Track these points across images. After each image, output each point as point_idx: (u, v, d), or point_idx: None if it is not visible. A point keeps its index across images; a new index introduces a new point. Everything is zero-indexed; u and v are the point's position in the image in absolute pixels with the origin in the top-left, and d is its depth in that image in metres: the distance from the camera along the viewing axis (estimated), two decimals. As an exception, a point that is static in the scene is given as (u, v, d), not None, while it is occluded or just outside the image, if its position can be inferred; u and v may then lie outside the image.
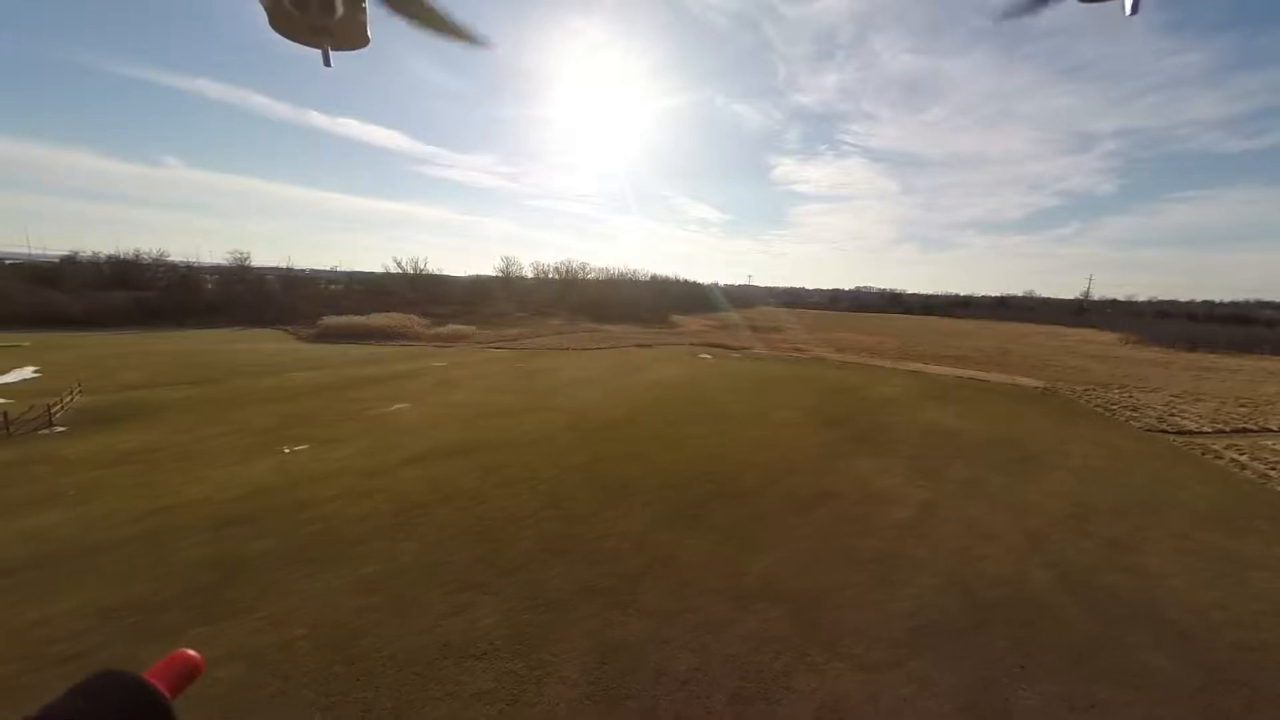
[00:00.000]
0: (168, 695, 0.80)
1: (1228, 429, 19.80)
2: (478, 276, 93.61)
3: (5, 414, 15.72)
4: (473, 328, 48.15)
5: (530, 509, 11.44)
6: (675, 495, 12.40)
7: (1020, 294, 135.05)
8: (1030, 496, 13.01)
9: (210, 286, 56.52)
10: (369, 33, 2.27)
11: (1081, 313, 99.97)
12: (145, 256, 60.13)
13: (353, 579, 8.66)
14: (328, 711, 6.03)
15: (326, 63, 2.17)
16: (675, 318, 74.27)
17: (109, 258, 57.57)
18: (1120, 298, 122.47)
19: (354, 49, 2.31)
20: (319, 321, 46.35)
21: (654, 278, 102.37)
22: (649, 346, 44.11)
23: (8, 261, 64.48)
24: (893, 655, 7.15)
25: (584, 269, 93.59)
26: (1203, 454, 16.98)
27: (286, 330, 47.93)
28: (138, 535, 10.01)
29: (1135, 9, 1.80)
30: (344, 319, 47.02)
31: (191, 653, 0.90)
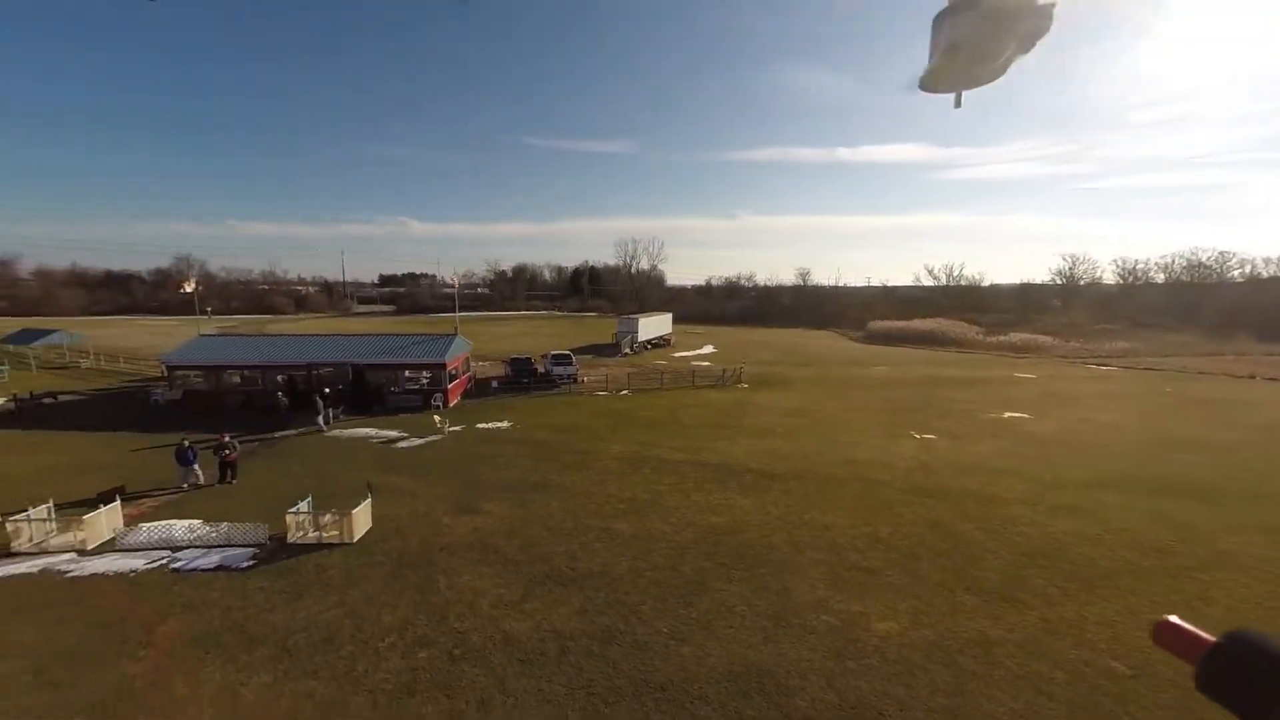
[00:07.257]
0: None
1: None
2: (1028, 283, 78.18)
3: (725, 371, 23.68)
4: (1048, 338, 39.31)
5: None
6: None
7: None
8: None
9: (785, 299, 71.87)
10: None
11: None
12: (742, 279, 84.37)
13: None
14: None
15: (957, 104, 2.06)
16: None
17: (726, 279, 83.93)
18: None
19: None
20: (867, 325, 49.44)
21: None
22: None
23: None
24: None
25: (1223, 263, 61.80)
26: None
27: (837, 331, 53.79)
28: (852, 476, 11.85)
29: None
30: (890, 323, 48.30)
31: None
